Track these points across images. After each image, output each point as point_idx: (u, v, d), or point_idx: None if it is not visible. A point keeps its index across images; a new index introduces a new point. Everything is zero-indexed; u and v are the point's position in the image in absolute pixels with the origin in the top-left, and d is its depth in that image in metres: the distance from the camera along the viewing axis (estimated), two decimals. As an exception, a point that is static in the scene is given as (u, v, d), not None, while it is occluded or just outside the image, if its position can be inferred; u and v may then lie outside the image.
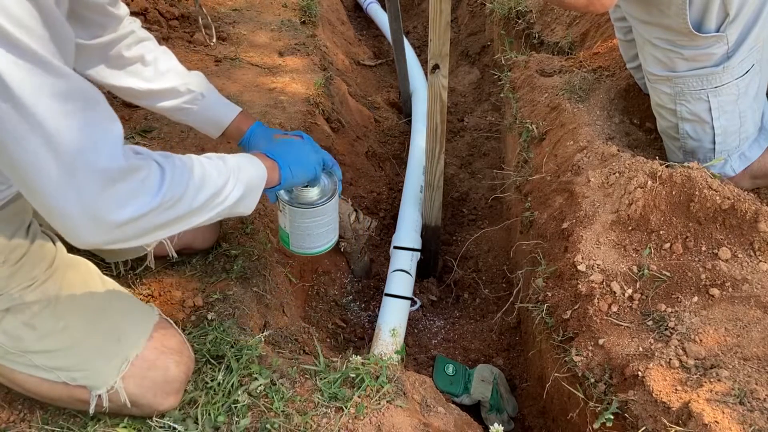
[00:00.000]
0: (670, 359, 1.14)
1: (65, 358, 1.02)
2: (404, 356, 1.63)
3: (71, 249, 1.13)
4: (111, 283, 1.15)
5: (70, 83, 0.74)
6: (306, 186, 1.30)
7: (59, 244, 1.10)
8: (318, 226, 1.35)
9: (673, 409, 1.05)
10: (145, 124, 1.95)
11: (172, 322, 1.18)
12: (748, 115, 1.55)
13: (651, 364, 1.14)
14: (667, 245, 1.36)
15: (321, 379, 1.22)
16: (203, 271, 1.48)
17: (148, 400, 1.08)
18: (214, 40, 2.51)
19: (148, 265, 1.42)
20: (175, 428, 1.10)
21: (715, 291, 1.26)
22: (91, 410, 1.05)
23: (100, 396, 1.04)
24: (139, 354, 1.07)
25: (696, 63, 1.49)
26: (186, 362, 1.14)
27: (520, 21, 2.76)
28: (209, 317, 1.34)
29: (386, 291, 1.81)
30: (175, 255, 1.41)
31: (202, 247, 1.51)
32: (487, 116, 2.88)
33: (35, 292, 1.00)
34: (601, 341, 1.25)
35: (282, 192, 1.30)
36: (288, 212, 1.32)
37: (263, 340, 1.32)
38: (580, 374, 1.25)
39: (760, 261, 1.28)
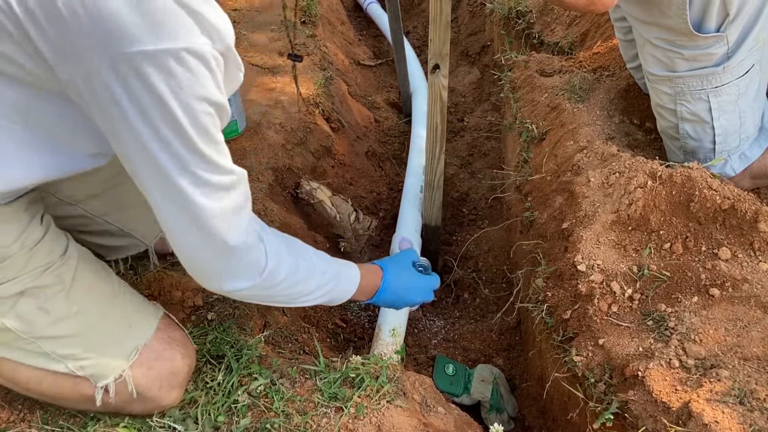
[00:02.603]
0: (670, 359, 1.14)
1: (76, 345, 1.03)
2: (404, 356, 1.63)
3: None
4: (118, 278, 1.17)
5: (230, 177, 0.91)
6: None
7: (70, 236, 1.11)
8: None
9: (673, 409, 1.05)
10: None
11: (174, 318, 1.19)
12: (749, 115, 1.55)
13: (651, 364, 1.14)
14: (667, 245, 1.36)
15: (321, 379, 1.22)
16: (203, 271, 1.48)
17: (153, 392, 1.08)
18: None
19: (149, 264, 1.42)
20: (175, 428, 1.10)
21: (715, 291, 1.26)
22: (98, 402, 1.04)
23: (107, 389, 1.04)
24: (147, 343, 1.09)
25: (696, 63, 1.49)
26: (190, 355, 1.16)
27: (520, 21, 2.76)
28: (209, 317, 1.34)
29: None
30: (176, 254, 1.41)
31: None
32: (487, 116, 2.87)
33: (51, 275, 1.01)
34: (601, 341, 1.25)
35: None
36: None
37: (263, 340, 1.32)
38: (580, 374, 1.25)
39: (760, 261, 1.28)
